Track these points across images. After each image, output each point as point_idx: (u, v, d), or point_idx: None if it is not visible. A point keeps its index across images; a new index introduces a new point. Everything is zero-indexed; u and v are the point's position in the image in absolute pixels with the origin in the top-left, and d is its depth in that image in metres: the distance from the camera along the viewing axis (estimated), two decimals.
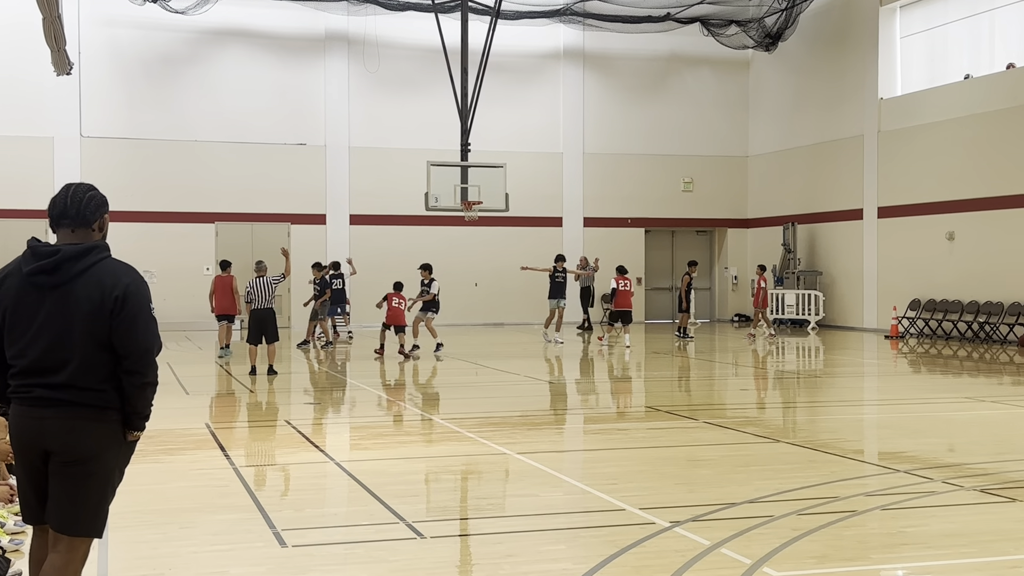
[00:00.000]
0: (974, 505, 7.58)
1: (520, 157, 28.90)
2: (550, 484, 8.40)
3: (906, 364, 19.94)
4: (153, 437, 9.75)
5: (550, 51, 30.68)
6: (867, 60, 27.42)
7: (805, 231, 29.63)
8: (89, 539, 4.31)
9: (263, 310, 16.41)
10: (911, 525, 6.91)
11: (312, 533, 6.79)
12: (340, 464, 9.24)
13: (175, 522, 7.01)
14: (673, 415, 12.28)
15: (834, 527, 6.74)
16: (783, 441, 10.42)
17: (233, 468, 8.97)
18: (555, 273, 22.94)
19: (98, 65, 27.21)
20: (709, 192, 32.24)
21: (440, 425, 11.73)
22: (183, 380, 15.74)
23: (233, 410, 13.59)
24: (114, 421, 4.27)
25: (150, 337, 4.26)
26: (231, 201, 28.13)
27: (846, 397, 15.05)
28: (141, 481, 7.92)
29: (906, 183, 26.09)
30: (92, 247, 4.27)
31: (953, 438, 10.94)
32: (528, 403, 14.30)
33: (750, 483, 8.26)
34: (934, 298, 25.08)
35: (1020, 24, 24.23)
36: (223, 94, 28.18)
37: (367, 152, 29.17)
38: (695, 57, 31.71)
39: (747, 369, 18.90)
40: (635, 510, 7.22)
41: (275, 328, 16.48)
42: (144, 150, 27.51)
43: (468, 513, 7.58)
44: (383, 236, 28.87)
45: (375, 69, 28.90)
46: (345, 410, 13.67)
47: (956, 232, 24.58)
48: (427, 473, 9.06)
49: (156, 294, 4.59)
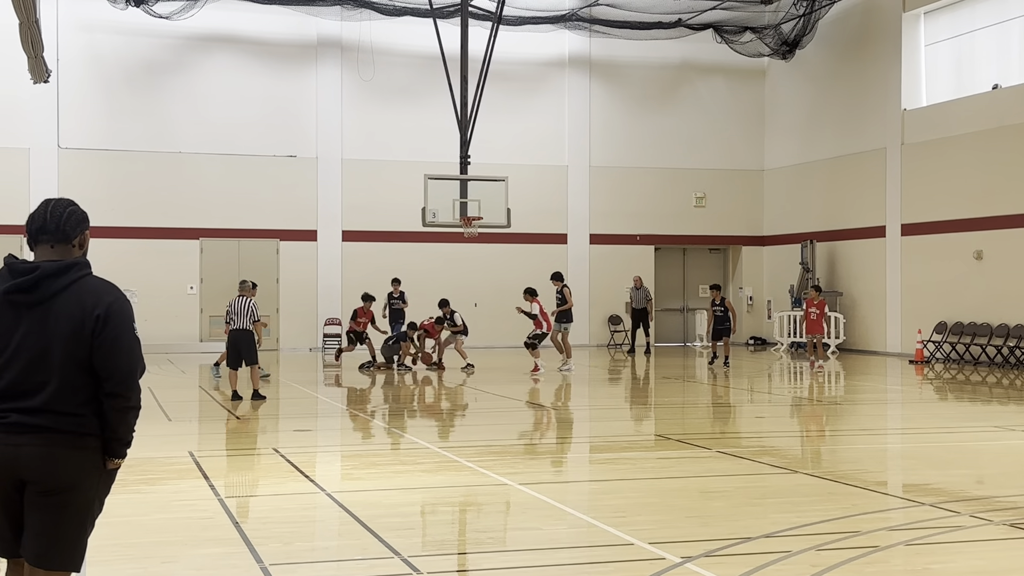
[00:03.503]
0: (1003, 540, 7.56)
1: (523, 170, 28.96)
2: (554, 517, 8.40)
3: (932, 390, 19.93)
4: (133, 466, 9.75)
5: (555, 59, 30.81)
6: (890, 69, 27.52)
7: (824, 249, 29.66)
8: (67, 574, 4.30)
9: (240, 331, 16.31)
10: (937, 562, 6.90)
11: (301, 568, 6.78)
12: (331, 495, 9.23)
13: (156, 556, 7.01)
14: (684, 444, 12.27)
15: (855, 563, 6.73)
16: (801, 472, 10.41)
17: (218, 499, 8.97)
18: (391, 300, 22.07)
19: (77, 73, 27.32)
20: (723, 208, 32.30)
21: (437, 454, 11.73)
22: (165, 406, 15.73)
23: (218, 437, 13.59)
24: (94, 448, 4.28)
25: (133, 359, 4.28)
26: (217, 216, 28.18)
27: (868, 425, 15.04)
28: (121, 512, 7.91)
29: (931, 199, 26.14)
30: (72, 264, 4.30)
31: (982, 469, 10.93)
32: (530, 430, 14.29)
33: (766, 516, 8.25)
34: (961, 321, 25.08)
35: None
36: (209, 103, 28.28)
37: (361, 165, 29.24)
38: (708, 65, 31.82)
39: (763, 395, 18.89)
40: (644, 545, 7.22)
41: (253, 350, 16.36)
42: (126, 162, 27.59)
43: (467, 547, 7.58)
44: (378, 253, 28.89)
45: (370, 77, 29.01)
46: (337, 437, 13.67)
47: (984, 251, 24.60)
48: (424, 505, 9.05)
49: (138, 314, 4.60)
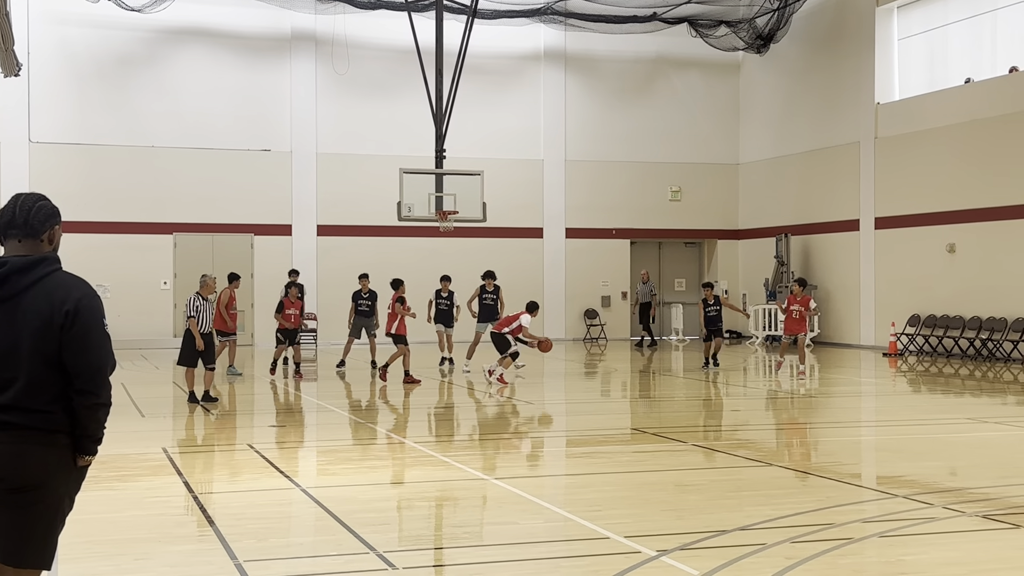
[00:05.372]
0: (976, 532, 7.63)
1: (498, 164, 28.95)
2: (530, 511, 8.40)
3: (905, 383, 20.06)
4: (106, 462, 9.69)
5: (530, 52, 30.79)
6: (863, 63, 27.65)
7: (799, 243, 29.80)
8: (37, 572, 4.28)
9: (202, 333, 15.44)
10: (910, 553, 6.95)
11: (276, 565, 6.76)
12: (306, 490, 9.21)
13: (129, 553, 6.97)
14: (660, 437, 12.31)
15: (829, 555, 6.77)
16: (776, 465, 10.46)
17: (192, 495, 8.93)
18: (483, 294, 21.47)
19: (48, 66, 27.09)
20: (698, 201, 32.39)
21: (413, 448, 11.71)
22: (138, 402, 15.65)
23: (192, 433, 13.53)
24: (63, 445, 4.25)
25: (103, 355, 4.25)
26: (190, 211, 28.02)
27: (842, 418, 15.13)
28: (92, 509, 7.87)
29: (905, 192, 26.30)
30: (41, 259, 4.27)
31: (955, 461, 11.01)
32: (507, 425, 14.30)
33: (741, 509, 8.29)
34: (934, 313, 25.26)
35: (1023, 26, 24.49)
36: (182, 97, 28.11)
37: (336, 159, 29.15)
38: (683, 59, 31.89)
39: (738, 389, 18.96)
40: (620, 538, 7.24)
41: (211, 352, 15.61)
42: (97, 156, 27.39)
43: (443, 542, 7.57)
44: (353, 247, 28.80)
45: (344, 71, 28.90)
46: (312, 433, 13.63)
47: (957, 244, 24.78)
48: (399, 500, 9.04)
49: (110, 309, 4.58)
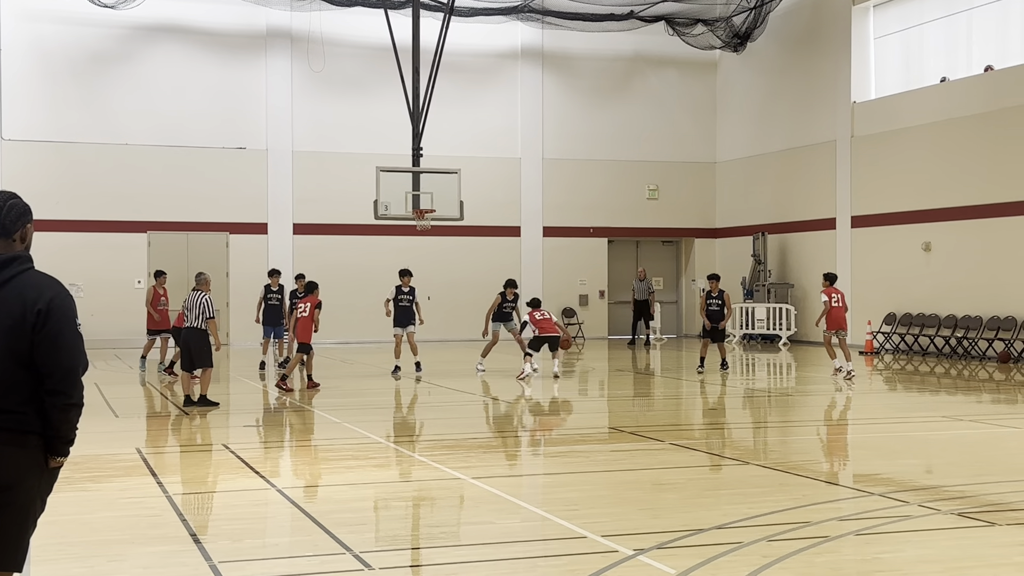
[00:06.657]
0: (952, 530, 7.68)
1: (475, 163, 28.93)
2: (507, 511, 8.41)
3: (881, 381, 20.17)
4: (79, 463, 9.64)
5: (507, 50, 30.79)
6: (839, 62, 27.79)
7: (776, 241, 29.93)
8: (9, 574, 4.25)
9: (192, 330, 15.04)
10: (886, 551, 6.98)
11: (251, 566, 6.74)
12: (282, 491, 9.18)
13: (102, 555, 6.93)
14: (637, 436, 12.33)
15: (806, 554, 6.80)
16: (753, 463, 10.50)
17: (166, 496, 8.89)
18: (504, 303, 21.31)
19: (20, 63, 26.89)
20: (675, 200, 32.48)
21: (390, 448, 11.70)
22: (112, 402, 15.57)
23: (166, 434, 13.46)
24: (35, 446, 4.23)
25: (75, 355, 4.23)
26: (165, 209, 27.87)
27: (819, 416, 15.20)
28: (65, 511, 7.83)
29: (881, 191, 26.44)
30: (13, 258, 4.25)
31: (930, 459, 11.08)
32: (484, 425, 14.29)
33: (718, 508, 8.31)
34: (910, 312, 25.41)
35: (998, 25, 24.67)
36: (156, 94, 27.96)
37: (312, 157, 29.06)
38: (660, 58, 31.96)
39: (715, 388, 19.02)
40: (597, 537, 7.25)
41: (206, 351, 14.97)
42: (70, 154, 27.21)
43: (420, 542, 7.57)
44: (329, 246, 28.75)
45: (320, 68, 28.82)
46: (287, 433, 13.58)
47: (933, 242, 24.93)
48: (376, 500, 9.03)
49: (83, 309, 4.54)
